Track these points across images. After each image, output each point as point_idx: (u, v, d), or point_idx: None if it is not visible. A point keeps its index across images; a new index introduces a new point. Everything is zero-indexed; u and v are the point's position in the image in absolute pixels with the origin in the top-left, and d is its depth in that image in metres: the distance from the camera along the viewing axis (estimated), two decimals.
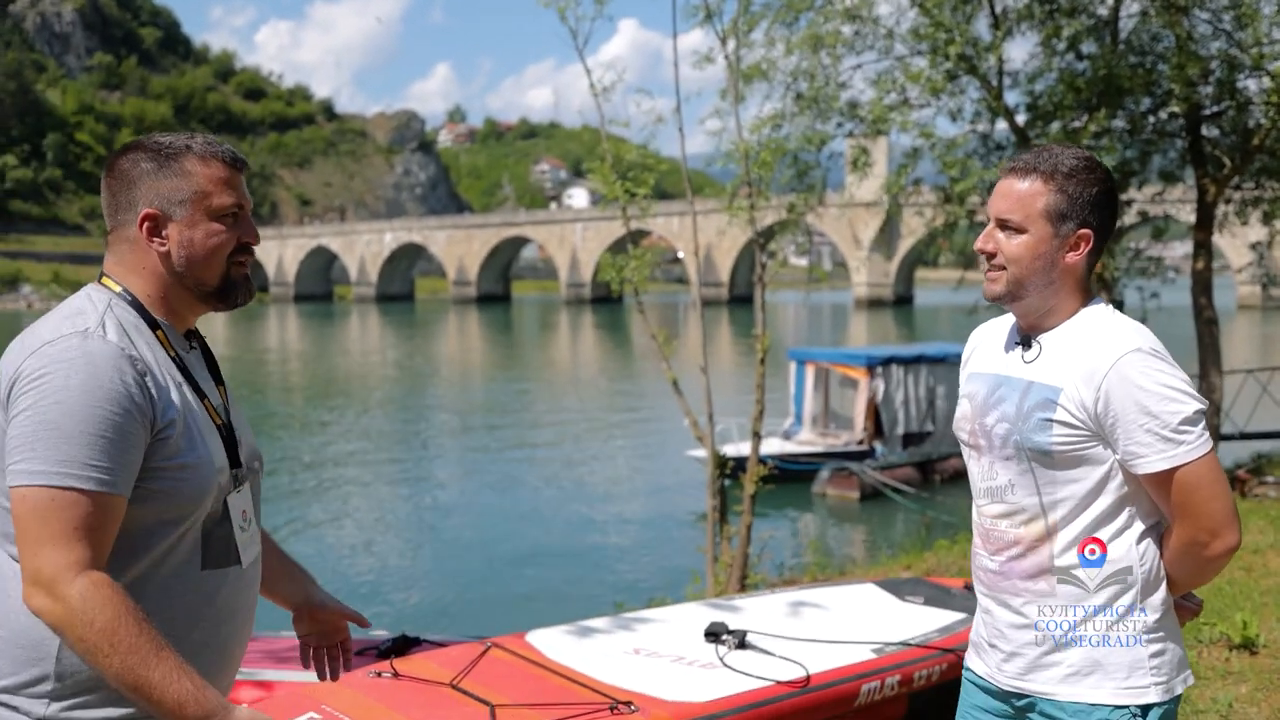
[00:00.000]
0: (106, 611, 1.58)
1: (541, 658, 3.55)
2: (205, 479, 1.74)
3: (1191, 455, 1.94)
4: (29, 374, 1.65)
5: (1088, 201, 2.03)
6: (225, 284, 1.86)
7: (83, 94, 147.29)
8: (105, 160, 1.88)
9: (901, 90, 9.73)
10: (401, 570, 13.30)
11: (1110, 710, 2.02)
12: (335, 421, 25.63)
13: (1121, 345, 1.99)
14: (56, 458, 1.61)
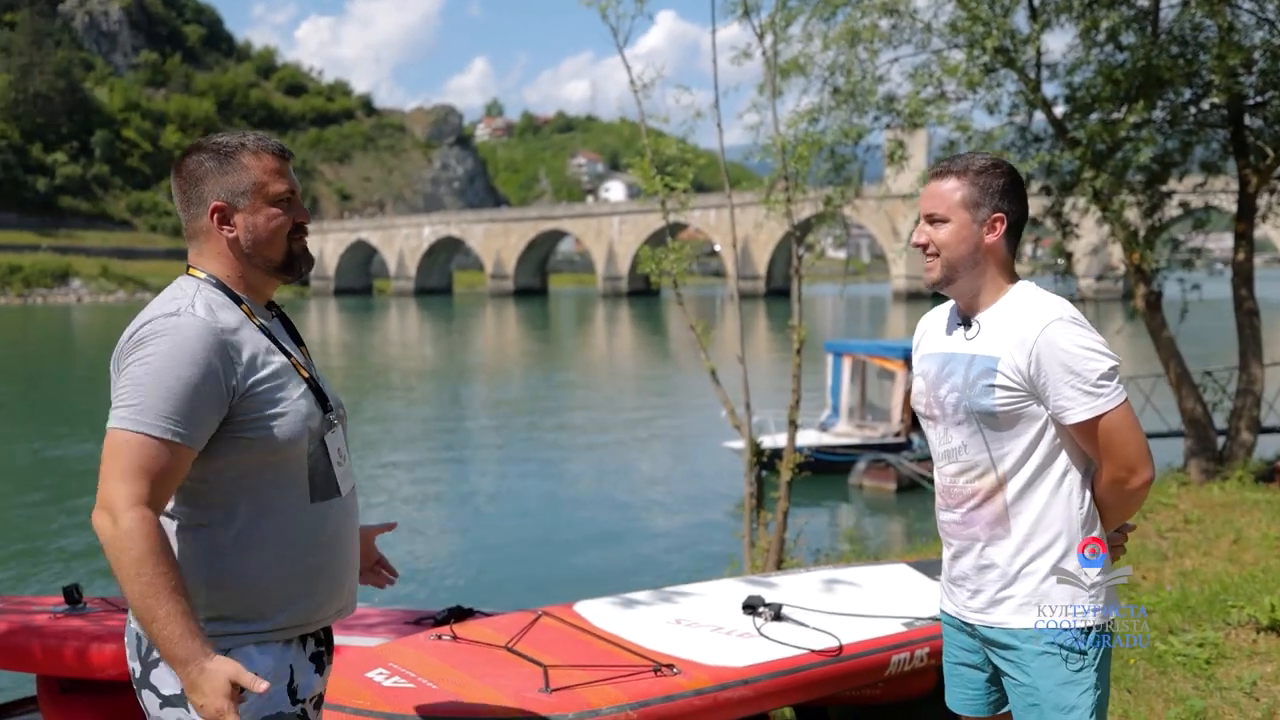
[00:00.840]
0: (142, 545, 1.85)
1: (589, 625, 3.76)
2: (297, 423, 2.04)
3: (1110, 405, 2.28)
4: (135, 341, 1.98)
5: (996, 191, 2.40)
6: (289, 258, 2.18)
7: (129, 91, 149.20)
8: (173, 164, 2.20)
9: (938, 84, 9.81)
10: (454, 550, 13.79)
11: (1057, 633, 2.35)
12: (381, 412, 26.01)
13: (1046, 315, 2.32)
14: (137, 408, 1.92)
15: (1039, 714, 2.38)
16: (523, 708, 3.01)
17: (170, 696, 2.00)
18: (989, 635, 2.45)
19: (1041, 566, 2.37)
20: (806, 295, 7.88)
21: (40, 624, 3.66)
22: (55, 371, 38.71)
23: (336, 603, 2.18)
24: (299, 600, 2.08)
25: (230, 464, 2.01)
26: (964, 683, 2.58)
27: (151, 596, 1.86)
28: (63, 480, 17.68)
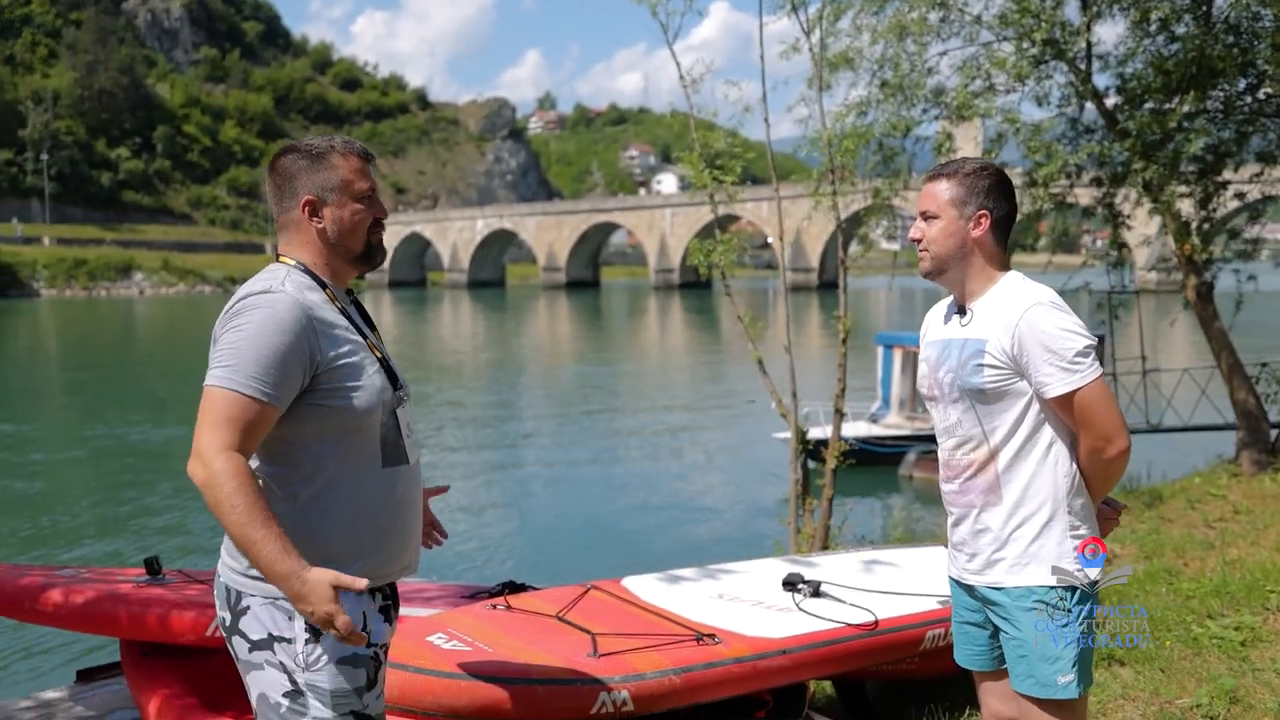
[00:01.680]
0: (233, 482, 2.09)
1: (635, 598, 3.96)
2: (371, 396, 2.28)
3: (1085, 380, 2.50)
4: (231, 313, 2.24)
5: (982, 190, 2.65)
6: (367, 249, 2.45)
7: (189, 87, 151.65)
8: (269, 163, 2.45)
9: (987, 76, 9.84)
10: (508, 530, 14.22)
11: (1044, 591, 2.57)
12: (438, 400, 26.41)
13: (1028, 300, 2.56)
14: (231, 368, 2.16)
15: (1027, 664, 2.60)
16: (573, 670, 3.20)
17: (258, 641, 2.23)
18: (985, 594, 2.68)
19: (1030, 531, 2.59)
20: (859, 288, 8.03)
21: (124, 592, 3.92)
22: (123, 361, 39.68)
23: (402, 560, 2.40)
24: (370, 556, 2.29)
25: (312, 429, 2.24)
26: (969, 640, 2.81)
27: (248, 524, 2.08)
28: (138, 462, 18.39)
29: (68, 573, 4.28)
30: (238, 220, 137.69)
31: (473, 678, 3.08)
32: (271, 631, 2.23)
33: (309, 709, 2.23)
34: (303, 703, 2.23)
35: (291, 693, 2.23)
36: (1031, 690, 2.60)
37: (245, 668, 2.29)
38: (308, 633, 2.22)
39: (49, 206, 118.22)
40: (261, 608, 2.24)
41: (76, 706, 4.43)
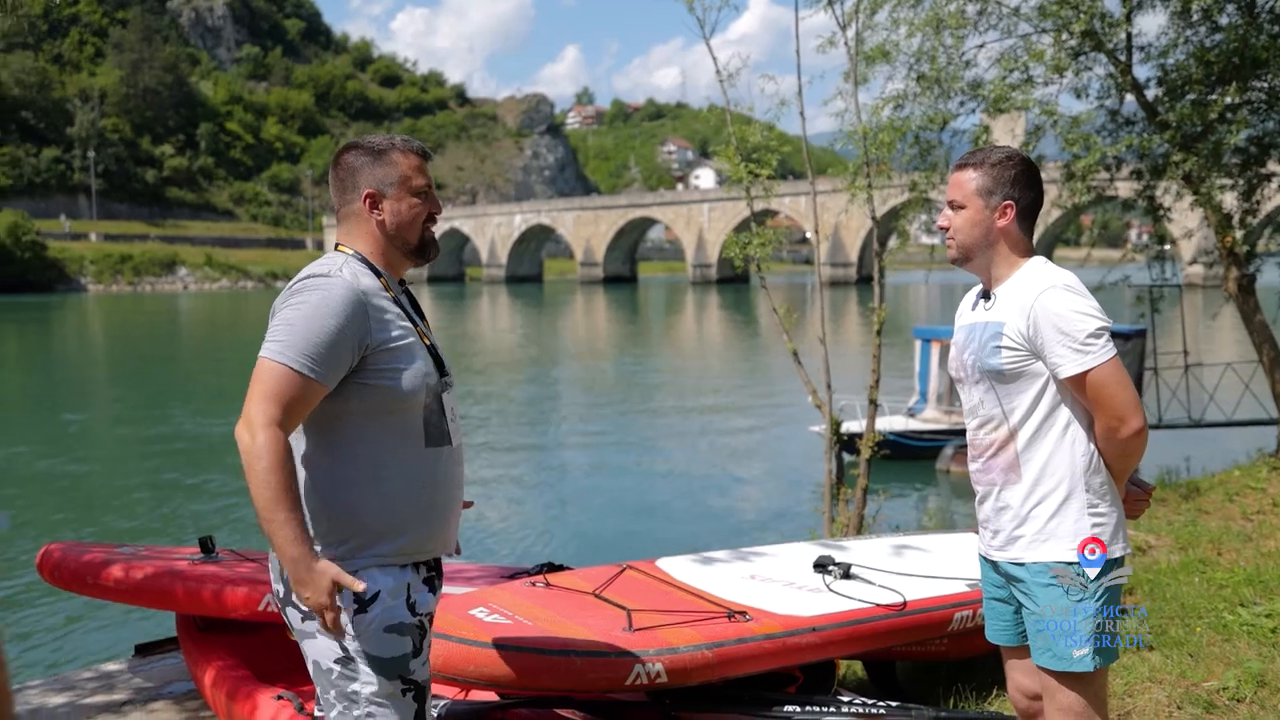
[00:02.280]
0: (271, 459, 2.21)
1: (669, 578, 4.07)
2: (416, 379, 2.40)
3: (1097, 361, 2.56)
4: (290, 291, 2.38)
5: (1008, 180, 2.73)
6: (421, 242, 2.57)
7: (232, 85, 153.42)
8: (333, 158, 2.59)
9: (1025, 69, 9.82)
10: (548, 516, 14.56)
11: (1061, 566, 2.65)
12: (480, 391, 26.67)
13: (1043, 283, 2.64)
14: (285, 344, 2.29)
15: (1045, 638, 2.67)
16: (609, 643, 3.32)
17: (309, 611, 2.34)
18: (1007, 570, 2.76)
19: (1048, 508, 2.66)
20: (898, 282, 8.10)
21: (181, 569, 4.09)
22: (170, 354, 40.37)
23: (443, 536, 2.52)
24: (412, 530, 2.41)
25: (358, 407, 2.36)
26: (995, 615, 2.90)
27: (275, 502, 2.21)
28: (190, 449, 18.98)
29: (127, 550, 4.46)
30: (279, 216, 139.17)
31: (512, 649, 3.20)
32: None
33: (359, 674, 2.35)
34: (353, 668, 2.35)
35: (343, 659, 2.35)
36: (1049, 663, 2.67)
37: (300, 636, 2.43)
38: (355, 603, 2.34)
39: (96, 203, 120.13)
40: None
41: (135, 678, 4.61)
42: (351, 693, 2.37)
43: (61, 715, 4.23)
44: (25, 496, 15.67)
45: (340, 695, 2.38)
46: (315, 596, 2.24)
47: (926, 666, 4.63)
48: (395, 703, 2.38)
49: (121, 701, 4.34)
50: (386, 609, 2.36)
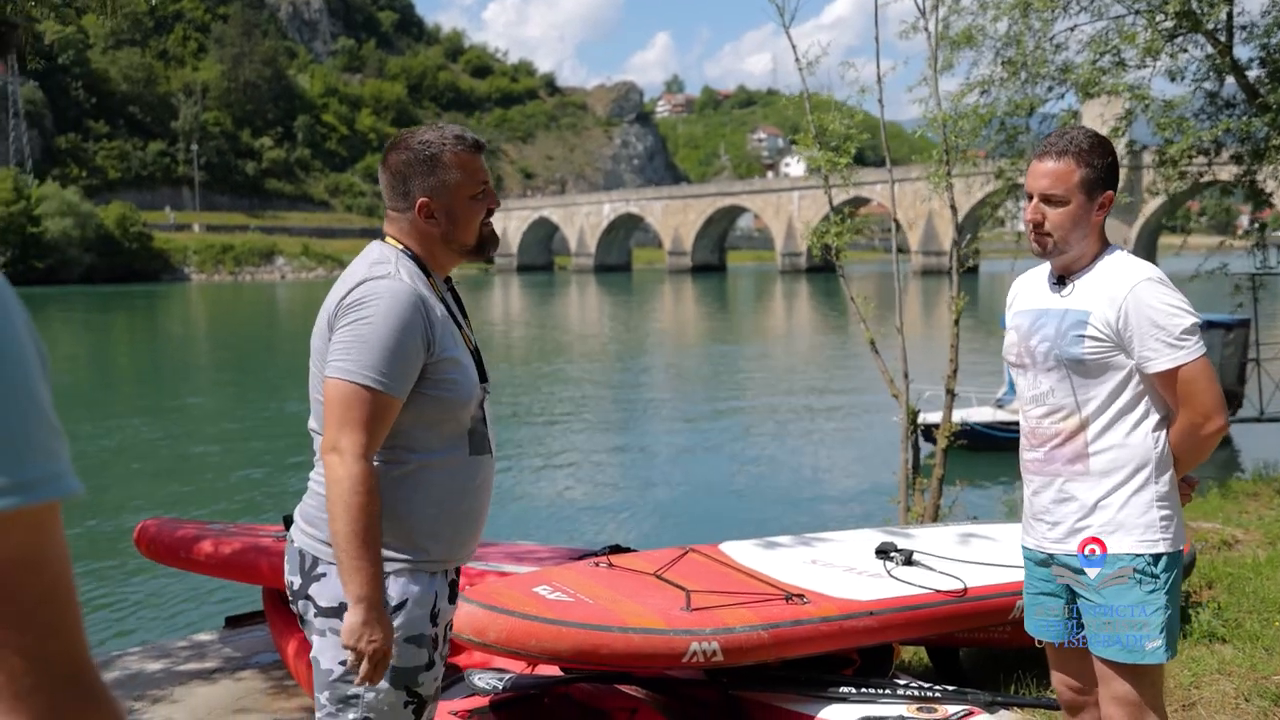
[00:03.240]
0: (364, 495, 2.17)
1: (731, 561, 4.14)
2: (470, 387, 2.36)
3: (1190, 357, 2.54)
4: (351, 301, 2.27)
5: (1106, 169, 2.66)
6: (480, 242, 2.46)
7: (328, 77, 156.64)
8: (381, 156, 2.47)
9: (1116, 53, 9.62)
10: (620, 499, 14.74)
11: (1130, 559, 2.62)
12: (564, 377, 27.00)
13: (1136, 276, 2.60)
14: (363, 362, 2.21)
15: (1112, 630, 2.64)
16: (666, 621, 3.41)
17: (325, 608, 2.29)
18: (1067, 563, 2.71)
19: (1117, 500, 2.63)
20: (993, 270, 8.00)
21: (266, 545, 4.29)
22: (269, 340, 41.58)
23: (474, 543, 2.47)
24: (449, 538, 2.36)
25: (414, 416, 2.29)
26: (1044, 610, 2.85)
27: (361, 536, 2.16)
28: (281, 431, 19.58)
29: (217, 527, 4.70)
30: (373, 206, 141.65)
31: (572, 625, 3.31)
32: (345, 601, 2.24)
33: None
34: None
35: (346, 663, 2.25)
36: (1118, 656, 2.63)
37: (309, 630, 2.36)
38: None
39: (198, 195, 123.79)
40: (338, 577, 2.26)
41: (225, 648, 4.85)
42: (350, 697, 2.28)
43: (158, 680, 4.48)
44: (129, 474, 16.43)
45: (335, 698, 2.29)
46: (384, 642, 2.19)
47: (991, 653, 4.63)
48: (395, 713, 2.30)
49: (212, 669, 4.58)
50: (411, 618, 2.30)
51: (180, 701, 4.24)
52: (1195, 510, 7.72)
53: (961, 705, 3.51)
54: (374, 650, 2.18)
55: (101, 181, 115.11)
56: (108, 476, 15.98)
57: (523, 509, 14.13)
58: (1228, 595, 5.13)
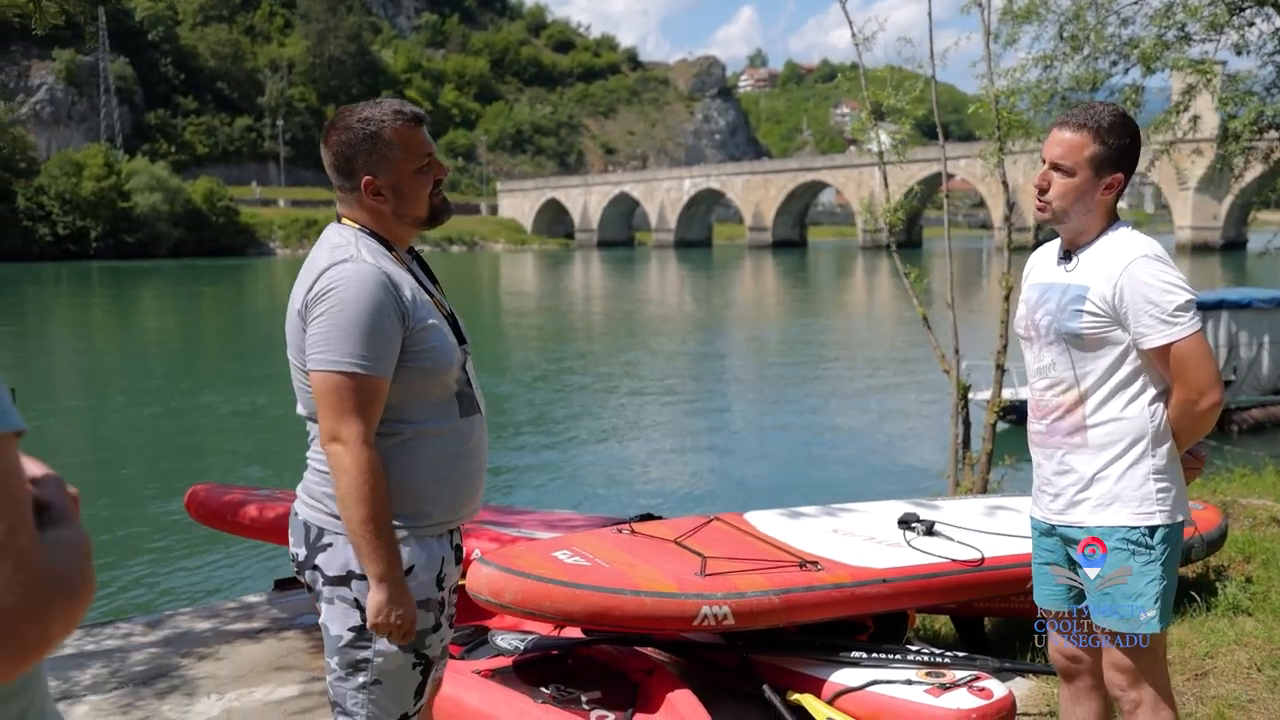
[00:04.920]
0: (375, 479, 2.24)
1: (753, 529, 4.27)
2: (450, 351, 2.40)
3: (1184, 333, 2.57)
4: (318, 291, 2.29)
5: (1121, 150, 2.68)
6: (431, 212, 2.48)
7: (411, 53, 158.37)
8: (323, 136, 2.46)
9: (1181, 27, 9.44)
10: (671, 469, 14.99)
11: (1127, 530, 2.68)
12: (631, 348, 27.19)
13: (1133, 252, 2.64)
14: (344, 350, 2.25)
15: (1110, 600, 2.71)
16: (679, 585, 3.55)
17: (333, 577, 2.36)
18: (1067, 534, 2.79)
19: (1114, 472, 2.68)
20: None
21: None
22: None
23: (473, 503, 2.54)
24: (450, 500, 2.43)
25: (402, 388, 2.34)
26: (1047, 580, 2.93)
27: (377, 519, 2.24)
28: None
29: (264, 493, 4.94)
30: (455, 182, 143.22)
31: (587, 587, 3.45)
32: (351, 569, 2.33)
33: (373, 643, 2.34)
34: (368, 637, 2.34)
35: (359, 627, 2.33)
36: (1115, 625, 2.70)
37: (318, 599, 2.42)
38: None
39: (283, 170, 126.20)
40: (345, 545, 2.33)
41: (272, 610, 5.11)
42: (360, 660, 2.37)
43: (205, 639, 4.74)
44: (200, 440, 17.04)
45: (345, 662, 2.38)
46: (410, 611, 2.29)
47: (1017, 623, 4.69)
48: (403, 674, 2.39)
49: (258, 630, 4.83)
50: (419, 584, 2.36)
51: (225, 659, 4.48)
52: (1247, 487, 7.63)
53: (969, 670, 3.60)
54: (401, 622, 2.29)
55: (189, 157, 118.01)
56: (185, 445, 16.58)
57: (575, 478, 14.37)
58: (1262, 570, 5.12)
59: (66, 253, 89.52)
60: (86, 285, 61.58)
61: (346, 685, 2.41)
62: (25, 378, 23.44)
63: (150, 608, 8.27)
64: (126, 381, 23.57)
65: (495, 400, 20.24)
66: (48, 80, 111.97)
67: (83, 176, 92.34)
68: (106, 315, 43.29)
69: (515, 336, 33.56)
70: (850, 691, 3.53)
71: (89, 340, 34.15)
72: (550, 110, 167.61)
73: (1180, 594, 4.75)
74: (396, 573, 2.29)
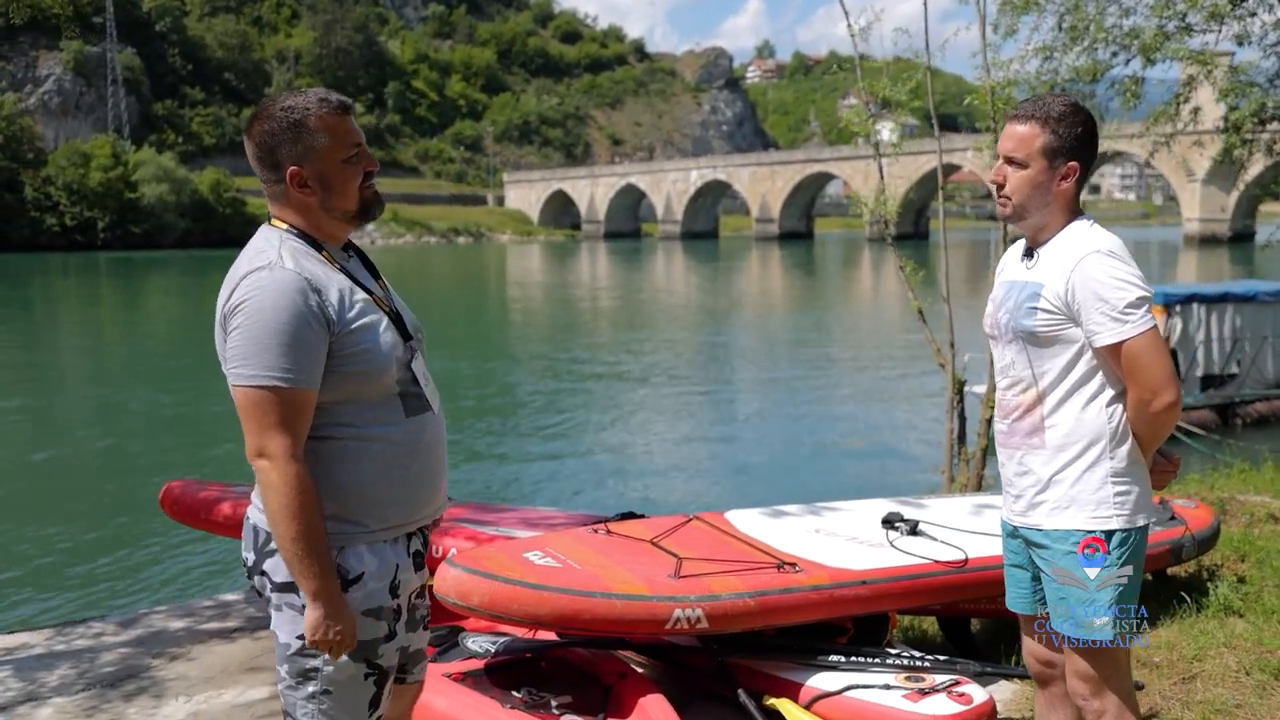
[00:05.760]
0: (302, 497, 2.16)
1: (733, 529, 4.19)
2: (386, 351, 2.30)
3: (1135, 331, 2.50)
4: (235, 302, 2.21)
5: (1074, 138, 2.61)
6: (361, 206, 2.38)
7: (418, 44, 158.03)
8: (246, 127, 2.35)
9: (1181, 17, 9.33)
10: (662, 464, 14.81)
11: (1082, 534, 2.60)
12: (636, 341, 27.12)
13: (1086, 248, 2.56)
14: (263, 363, 2.16)
15: (1066, 606, 2.66)
16: (652, 588, 3.47)
17: (281, 584, 2.29)
18: (1027, 536, 2.73)
19: (1071, 475, 2.62)
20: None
21: None
22: None
23: (433, 504, 2.46)
24: (401, 503, 2.35)
25: (334, 393, 2.26)
26: (1015, 582, 2.88)
27: (308, 535, 2.17)
28: None
29: (240, 489, 4.87)
30: (462, 173, 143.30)
31: (556, 590, 3.38)
32: None
33: (321, 653, 2.28)
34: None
35: (304, 635, 2.25)
36: (1070, 631, 2.65)
37: (267, 605, 2.36)
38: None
39: None
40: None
41: (249, 609, 5.05)
42: (309, 669, 2.30)
43: (178, 638, 4.68)
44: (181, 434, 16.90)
45: (294, 671, 2.32)
46: (349, 626, 2.23)
47: (1006, 624, 4.61)
48: (355, 685, 2.33)
49: (233, 629, 4.77)
50: (369, 591, 2.30)
51: (197, 659, 4.42)
52: (1245, 482, 7.54)
53: (949, 675, 3.53)
54: (340, 638, 2.23)
55: (196, 147, 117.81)
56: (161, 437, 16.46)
57: (567, 473, 14.25)
58: (1256, 570, 5.02)
59: (74, 243, 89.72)
60: (93, 275, 61.70)
61: (296, 694, 2.35)
62: (20, 366, 23.48)
63: (126, 606, 8.23)
64: (111, 373, 23.68)
65: (492, 392, 20.19)
66: (55, 71, 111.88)
67: (90, 167, 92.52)
68: (108, 306, 43.34)
69: (518, 327, 33.53)
70: (827, 696, 3.45)
71: (84, 330, 34.21)
72: (557, 101, 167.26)
73: (1170, 595, 4.67)
74: (332, 588, 2.22)
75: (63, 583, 9.40)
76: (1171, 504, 4.91)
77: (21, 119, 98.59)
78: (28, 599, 8.96)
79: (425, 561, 2.52)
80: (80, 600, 8.79)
